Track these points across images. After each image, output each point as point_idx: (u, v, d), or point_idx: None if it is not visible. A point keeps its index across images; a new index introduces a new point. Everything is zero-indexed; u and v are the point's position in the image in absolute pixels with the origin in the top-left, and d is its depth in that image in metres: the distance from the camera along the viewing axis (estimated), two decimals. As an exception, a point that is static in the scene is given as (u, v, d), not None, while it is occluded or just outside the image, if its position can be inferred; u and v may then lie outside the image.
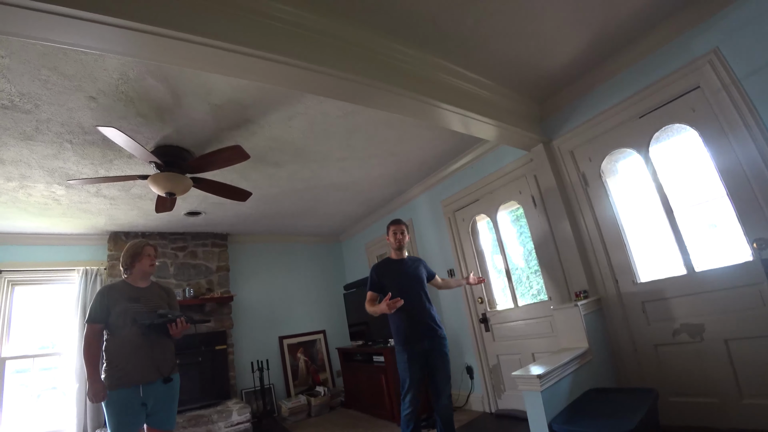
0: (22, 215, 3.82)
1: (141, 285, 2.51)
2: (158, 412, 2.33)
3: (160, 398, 2.32)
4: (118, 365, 2.25)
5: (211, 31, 1.69)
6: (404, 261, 2.97)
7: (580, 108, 2.98)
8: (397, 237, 2.96)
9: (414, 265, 2.97)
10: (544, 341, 3.26)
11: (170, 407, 2.40)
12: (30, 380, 4.27)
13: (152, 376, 2.30)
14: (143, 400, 2.25)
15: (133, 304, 2.36)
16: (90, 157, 2.92)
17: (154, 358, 2.33)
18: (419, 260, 3.06)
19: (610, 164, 2.93)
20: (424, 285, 2.90)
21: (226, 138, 2.95)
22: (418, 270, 2.94)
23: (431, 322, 2.78)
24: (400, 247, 2.96)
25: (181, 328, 2.37)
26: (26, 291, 4.45)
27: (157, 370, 2.32)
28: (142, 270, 2.50)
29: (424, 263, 3.06)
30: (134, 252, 2.51)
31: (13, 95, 2.19)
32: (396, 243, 2.95)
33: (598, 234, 2.88)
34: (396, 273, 2.89)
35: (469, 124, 2.79)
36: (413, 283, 2.85)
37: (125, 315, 2.31)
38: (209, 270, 5.19)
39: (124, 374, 2.23)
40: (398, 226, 3.00)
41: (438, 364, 2.71)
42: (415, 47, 2.38)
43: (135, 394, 2.23)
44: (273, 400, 4.98)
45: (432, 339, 2.74)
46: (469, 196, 3.97)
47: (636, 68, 2.65)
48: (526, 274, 4.04)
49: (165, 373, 2.35)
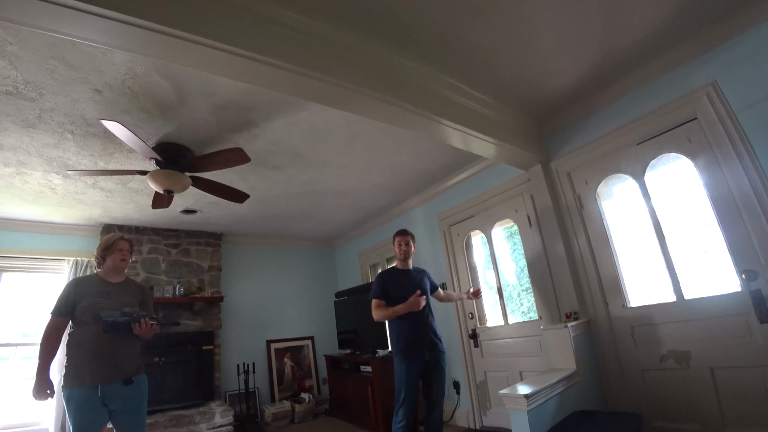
0: (16, 201, 3.79)
1: (113, 280, 2.39)
2: (123, 415, 2.20)
3: (124, 400, 2.19)
4: (77, 362, 2.14)
5: (219, 34, 1.71)
6: (410, 271, 2.98)
7: (579, 131, 3.03)
8: (402, 248, 2.97)
9: (419, 276, 2.99)
10: (532, 360, 3.26)
11: (137, 409, 2.26)
12: (10, 369, 4.21)
13: (112, 377, 2.16)
14: (102, 401, 2.12)
15: (101, 299, 2.24)
16: (90, 149, 2.92)
17: (115, 358, 2.19)
18: (424, 272, 3.08)
19: (605, 188, 2.96)
20: (428, 297, 2.89)
21: (227, 139, 2.97)
22: (423, 281, 2.95)
23: (432, 335, 2.78)
24: (405, 258, 2.98)
25: (145, 329, 2.23)
26: (14, 278, 4.41)
27: (118, 371, 2.18)
28: (113, 264, 2.39)
29: (428, 275, 3.08)
30: (106, 245, 2.41)
31: (19, 82, 2.19)
32: (401, 254, 2.97)
33: (591, 257, 2.91)
34: (401, 283, 2.89)
35: (469, 142, 2.82)
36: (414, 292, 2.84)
37: (91, 310, 2.20)
38: (201, 269, 5.16)
39: (82, 372, 2.11)
40: (403, 237, 3.00)
41: (435, 378, 2.72)
42: (420, 62, 2.41)
43: (93, 394, 2.10)
44: (257, 404, 4.92)
45: (432, 351, 2.74)
46: (466, 212, 3.99)
47: (635, 95, 2.70)
48: (517, 291, 4.06)
49: (127, 374, 2.21)
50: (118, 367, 2.19)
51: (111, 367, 2.17)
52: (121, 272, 2.46)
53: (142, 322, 2.22)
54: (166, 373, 4.39)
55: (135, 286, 2.51)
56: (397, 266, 3.03)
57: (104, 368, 2.14)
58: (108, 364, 2.16)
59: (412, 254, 3.02)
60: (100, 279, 2.37)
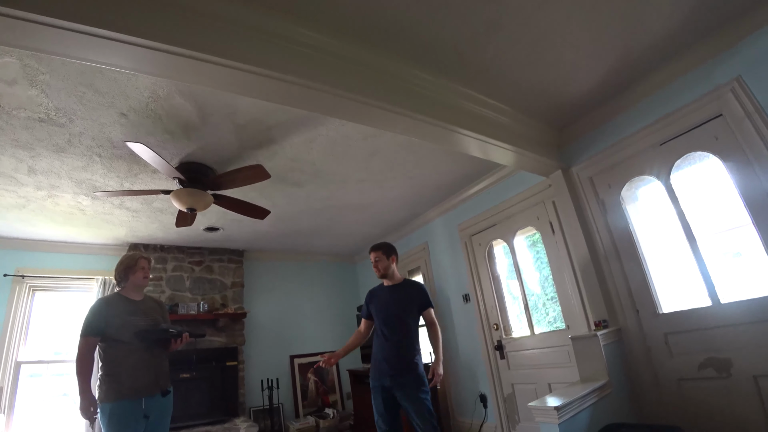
0: (47, 223, 3.94)
1: (135, 298, 2.49)
2: (155, 426, 2.32)
3: (158, 411, 2.34)
4: (116, 378, 2.22)
5: (239, 55, 1.75)
6: (396, 288, 2.78)
7: (600, 135, 2.97)
8: (375, 266, 2.81)
9: (406, 293, 2.75)
10: (561, 371, 3.16)
11: (166, 421, 2.42)
12: (42, 385, 4.32)
13: (153, 390, 2.31)
14: (146, 412, 2.25)
15: (132, 317, 2.36)
16: (116, 171, 3.02)
17: (154, 372, 2.34)
18: (417, 288, 2.81)
19: (630, 191, 2.89)
20: (409, 317, 2.68)
21: (248, 157, 3.02)
22: (407, 299, 2.71)
23: (397, 360, 2.57)
24: (383, 275, 2.80)
25: (183, 343, 2.45)
26: (46, 297, 4.56)
27: (157, 384, 2.34)
28: (135, 283, 2.48)
29: (421, 292, 2.78)
30: (128, 264, 2.49)
31: (50, 109, 2.29)
32: (376, 272, 2.81)
33: (618, 262, 2.82)
34: (383, 300, 2.75)
35: (487, 150, 2.80)
36: (396, 313, 2.68)
37: (125, 328, 2.30)
38: (224, 285, 5.23)
39: (124, 387, 2.21)
40: (372, 253, 2.83)
41: (409, 408, 2.52)
42: (437, 74, 2.42)
43: (138, 407, 2.22)
44: (281, 420, 4.91)
45: (394, 378, 2.54)
46: (487, 221, 3.94)
47: (656, 96, 2.65)
48: (542, 300, 3.96)
49: (163, 386, 2.38)
50: (157, 380, 2.35)
51: (151, 381, 2.32)
52: (141, 290, 2.57)
53: (184, 337, 2.42)
54: (191, 389, 4.43)
55: (155, 303, 2.64)
56: (383, 282, 2.86)
57: (146, 382, 2.29)
58: (148, 378, 2.31)
59: (392, 268, 2.80)
60: (124, 298, 2.47)
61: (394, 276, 2.81)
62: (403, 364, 2.57)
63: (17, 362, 4.14)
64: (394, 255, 2.85)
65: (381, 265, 2.78)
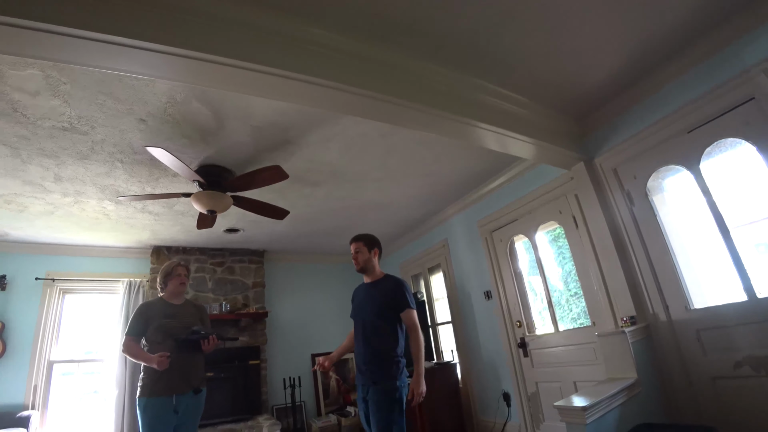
0: (75, 228, 4.06)
1: (175, 302, 2.68)
2: (185, 423, 2.45)
3: (188, 409, 2.45)
4: (153, 377, 2.40)
5: (254, 56, 1.75)
6: (373, 285, 2.49)
7: (623, 124, 2.87)
8: (354, 257, 2.53)
9: (380, 291, 2.43)
10: (587, 369, 3.08)
11: (195, 419, 2.53)
12: (74, 384, 4.48)
13: (185, 389, 2.44)
14: (176, 408, 2.39)
15: (168, 320, 2.53)
16: (138, 176, 3.08)
17: (186, 371, 2.47)
18: (393, 285, 2.43)
19: (656, 182, 2.78)
20: (382, 318, 2.35)
21: (265, 159, 3.04)
22: (382, 298, 2.39)
23: (367, 367, 2.29)
24: (362, 269, 2.51)
25: (212, 344, 2.53)
26: (75, 299, 4.72)
27: (188, 382, 2.46)
28: (173, 289, 2.66)
29: (397, 290, 2.39)
30: (167, 272, 2.69)
31: (73, 118, 2.35)
32: (356, 265, 2.52)
33: (645, 256, 2.72)
34: (359, 299, 2.54)
35: (506, 143, 2.74)
36: (365, 313, 2.42)
37: (161, 330, 2.48)
38: (245, 286, 5.30)
39: (159, 385, 2.38)
40: (352, 244, 2.56)
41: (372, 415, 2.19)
42: (451, 67, 2.37)
43: (169, 403, 2.38)
44: (303, 418, 4.95)
45: (365, 387, 2.27)
46: (507, 216, 3.87)
47: (682, 81, 2.53)
48: (565, 297, 3.88)
49: (194, 385, 2.49)
50: (189, 380, 2.47)
51: (183, 380, 2.45)
52: (181, 295, 2.72)
53: (210, 339, 2.51)
54: (215, 387, 4.50)
55: (194, 307, 2.77)
56: (364, 279, 2.60)
57: (178, 381, 2.42)
58: (180, 378, 2.44)
59: (372, 262, 2.51)
60: (165, 302, 2.65)
61: (374, 271, 2.52)
62: (371, 373, 2.25)
63: (50, 361, 4.30)
64: (376, 248, 2.58)
65: (360, 258, 2.49)
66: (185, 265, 2.76)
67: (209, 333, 2.53)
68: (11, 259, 4.37)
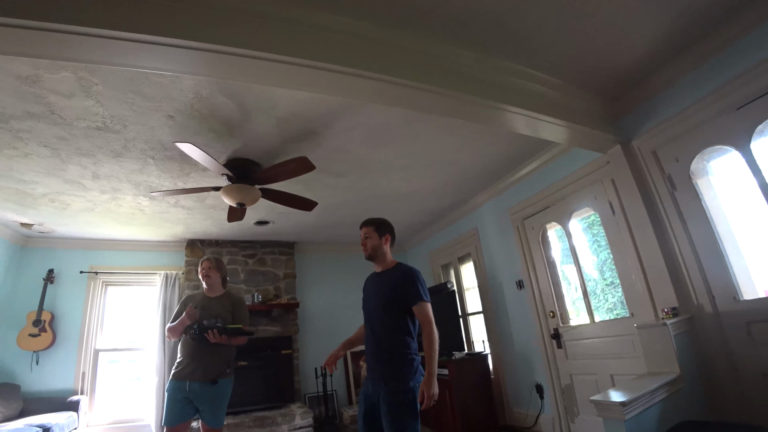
0: (113, 224, 4.24)
1: (211, 295, 2.80)
2: (205, 411, 2.55)
3: (202, 398, 2.53)
4: (179, 361, 2.61)
5: (277, 47, 1.74)
6: (383, 275, 2.28)
7: (662, 103, 2.69)
8: (363, 243, 2.30)
9: (389, 282, 2.19)
10: (624, 362, 2.95)
11: (216, 407, 2.57)
12: (119, 370, 4.73)
13: (195, 376, 2.53)
14: (187, 395, 2.51)
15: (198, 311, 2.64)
16: (169, 171, 3.16)
17: (201, 361, 2.56)
18: (403, 276, 2.18)
19: (700, 164, 2.60)
20: (390, 311, 2.11)
21: (291, 150, 3.04)
22: (390, 289, 2.16)
23: (375, 363, 2.09)
24: (370, 257, 2.29)
25: (215, 337, 2.52)
26: (117, 291, 4.97)
27: (201, 372, 2.54)
28: (202, 281, 2.81)
29: (408, 281, 2.15)
30: (198, 267, 2.86)
31: (106, 118, 2.42)
32: (364, 252, 2.30)
33: (689, 243, 2.56)
34: (368, 289, 2.34)
35: (536, 127, 2.62)
36: (372, 306, 2.20)
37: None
38: (277, 277, 5.40)
39: (178, 370, 2.57)
40: (363, 228, 2.32)
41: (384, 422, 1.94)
42: (477, 50, 2.28)
43: (181, 388, 2.51)
44: (335, 407, 5.03)
45: (374, 383, 2.04)
46: (539, 203, 3.74)
47: (728, 53, 2.32)
48: (600, 286, 3.73)
49: (209, 375, 2.54)
50: (202, 368, 2.55)
51: (197, 368, 2.55)
52: (213, 288, 2.81)
53: (209, 332, 2.53)
54: (250, 376, 4.64)
55: (229, 300, 2.82)
56: (374, 268, 2.39)
57: (191, 369, 2.55)
58: (194, 365, 2.55)
59: (383, 249, 2.28)
60: (203, 294, 2.80)
61: (384, 259, 2.30)
62: (379, 371, 2.04)
63: (95, 350, 4.54)
64: (388, 234, 2.35)
65: (369, 244, 2.27)
66: (210, 259, 2.85)
67: (210, 326, 2.52)
68: (58, 254, 4.63)
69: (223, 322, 2.59)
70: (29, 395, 4.03)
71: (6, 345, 4.17)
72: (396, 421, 1.89)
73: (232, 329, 2.59)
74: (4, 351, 4.16)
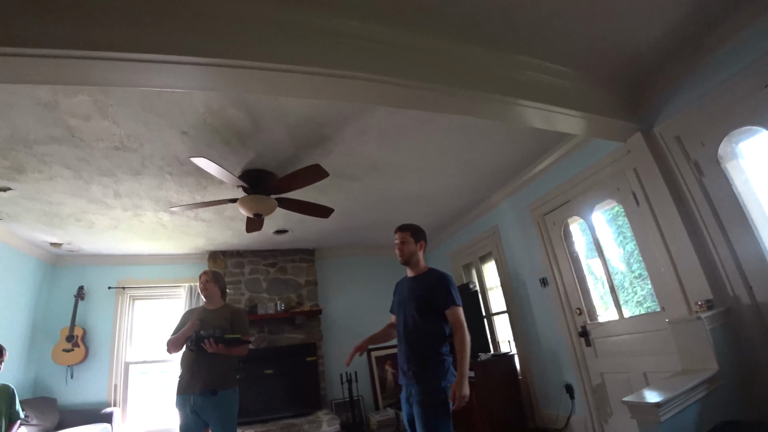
0: (137, 239, 4.35)
1: (209, 307, 2.84)
2: (212, 423, 2.56)
3: (205, 410, 2.53)
4: (180, 375, 2.63)
5: (284, 56, 1.73)
6: (416, 279, 2.37)
7: (684, 86, 2.57)
8: (399, 248, 2.39)
9: (421, 286, 2.31)
10: (657, 359, 2.83)
11: (222, 420, 2.55)
12: (150, 382, 4.84)
13: (194, 388, 2.54)
14: (193, 408, 2.52)
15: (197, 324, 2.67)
16: (187, 186, 3.22)
17: (199, 372, 2.57)
18: (436, 281, 2.29)
19: (728, 147, 2.46)
20: (423, 315, 2.23)
21: (304, 157, 3.05)
22: (424, 293, 2.27)
23: (407, 366, 2.19)
24: (406, 262, 2.39)
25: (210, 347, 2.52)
26: (144, 305, 5.10)
27: (200, 383, 2.54)
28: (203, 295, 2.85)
29: (440, 286, 2.26)
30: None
31: (122, 137, 2.48)
32: (400, 257, 2.39)
33: (721, 231, 2.43)
34: (401, 293, 2.44)
35: (552, 120, 2.54)
36: (406, 310, 2.31)
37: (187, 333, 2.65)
38: (298, 284, 5.43)
39: (180, 383, 2.60)
40: (397, 233, 2.42)
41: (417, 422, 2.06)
42: (487, 45, 2.22)
43: (186, 401, 2.54)
44: (362, 413, 5.01)
45: (407, 384, 2.19)
46: (559, 198, 3.64)
47: (754, 29, 2.18)
48: (629, 279, 3.59)
49: (208, 386, 2.54)
50: (201, 380, 2.55)
51: (195, 380, 2.56)
52: (212, 300, 2.84)
53: (206, 342, 2.54)
54: (276, 384, 4.69)
55: (228, 311, 2.83)
56: (407, 272, 2.47)
57: (191, 380, 2.57)
58: (193, 377, 2.57)
59: (417, 255, 2.39)
60: (203, 307, 2.83)
61: (418, 265, 2.40)
62: (414, 373, 2.15)
63: (126, 363, 4.67)
64: (423, 240, 2.45)
65: (406, 249, 2.36)
66: (207, 272, 2.88)
67: (207, 336, 2.53)
68: (87, 270, 4.78)
69: (221, 332, 2.59)
70: (65, 408, 4.17)
71: (42, 360, 4.33)
72: (428, 421, 1.99)
73: (229, 339, 2.60)
74: (40, 366, 4.32)
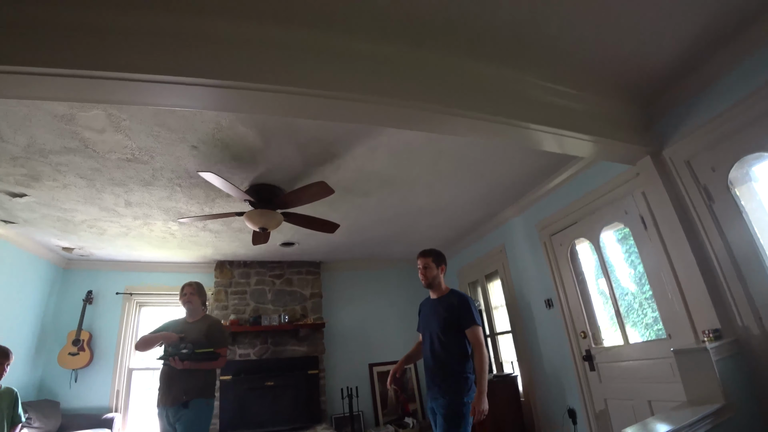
0: (147, 247, 4.41)
1: (189, 320, 2.89)
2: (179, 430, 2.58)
3: (180, 422, 2.57)
4: (158, 388, 2.68)
5: (293, 79, 1.75)
6: (439, 300, 2.61)
7: (695, 109, 2.54)
8: (422, 273, 2.64)
9: (444, 306, 2.54)
10: (664, 387, 2.76)
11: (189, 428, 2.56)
12: (153, 389, 4.84)
13: (167, 401, 2.60)
14: (169, 420, 2.59)
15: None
16: (196, 198, 3.27)
17: (170, 386, 2.63)
18: (458, 302, 2.52)
19: (740, 171, 2.42)
20: (447, 333, 2.46)
21: (313, 173, 3.08)
22: (447, 313, 2.50)
23: (432, 381, 2.47)
24: (429, 285, 2.63)
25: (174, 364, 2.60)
26: (150, 311, 5.14)
27: (172, 396, 2.59)
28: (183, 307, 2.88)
29: (462, 307, 2.49)
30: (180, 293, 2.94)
31: (134, 150, 2.53)
32: (423, 281, 2.64)
33: (730, 260, 2.39)
34: (425, 313, 2.67)
35: (563, 143, 2.52)
36: (432, 329, 2.55)
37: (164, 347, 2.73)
38: (303, 297, 5.44)
39: (158, 396, 2.66)
40: (420, 259, 2.67)
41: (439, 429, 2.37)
42: (495, 65, 2.22)
43: (162, 414, 2.61)
44: (362, 428, 4.96)
45: (432, 398, 2.46)
46: (567, 218, 3.61)
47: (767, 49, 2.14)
48: (638, 300, 3.54)
49: (178, 399, 2.58)
50: (172, 393, 2.61)
51: (168, 393, 2.62)
52: (193, 313, 2.89)
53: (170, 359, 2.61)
54: (277, 396, 4.67)
55: (205, 324, 2.86)
56: (430, 294, 2.71)
57: (165, 393, 2.63)
58: (166, 390, 2.64)
59: (439, 278, 2.63)
60: (183, 319, 2.87)
61: (440, 287, 2.65)
62: (439, 388, 2.41)
63: (129, 369, 4.69)
64: (443, 264, 2.70)
65: (429, 274, 2.62)
66: (192, 284, 2.92)
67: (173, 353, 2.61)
68: (96, 275, 4.85)
69: (193, 347, 2.63)
70: (68, 412, 4.20)
71: (49, 363, 4.38)
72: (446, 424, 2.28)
73: (198, 354, 2.64)
74: (46, 368, 4.38)
